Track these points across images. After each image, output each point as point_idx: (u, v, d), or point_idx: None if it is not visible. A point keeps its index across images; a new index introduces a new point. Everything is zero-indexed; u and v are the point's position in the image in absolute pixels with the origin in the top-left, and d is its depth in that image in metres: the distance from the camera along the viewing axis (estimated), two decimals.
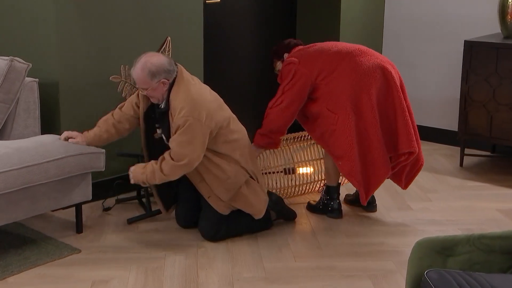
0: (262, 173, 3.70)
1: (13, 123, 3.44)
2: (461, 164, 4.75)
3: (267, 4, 5.00)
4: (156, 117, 3.37)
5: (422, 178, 4.48)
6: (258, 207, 3.45)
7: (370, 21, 5.33)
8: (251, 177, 3.44)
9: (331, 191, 3.77)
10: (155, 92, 3.26)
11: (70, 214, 3.53)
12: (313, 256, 3.30)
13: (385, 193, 4.17)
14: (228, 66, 4.85)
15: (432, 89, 5.28)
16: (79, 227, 3.49)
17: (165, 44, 3.89)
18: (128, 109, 3.46)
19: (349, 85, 3.52)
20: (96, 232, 3.51)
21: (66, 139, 3.36)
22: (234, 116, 3.48)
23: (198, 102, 3.22)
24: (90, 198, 3.45)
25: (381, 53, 5.47)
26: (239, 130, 3.46)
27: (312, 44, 3.76)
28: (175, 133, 3.21)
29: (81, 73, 3.72)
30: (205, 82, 4.32)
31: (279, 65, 3.81)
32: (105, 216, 3.72)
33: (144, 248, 3.32)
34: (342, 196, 3.90)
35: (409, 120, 3.65)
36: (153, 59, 3.24)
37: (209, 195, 3.38)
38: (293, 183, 3.98)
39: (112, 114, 3.48)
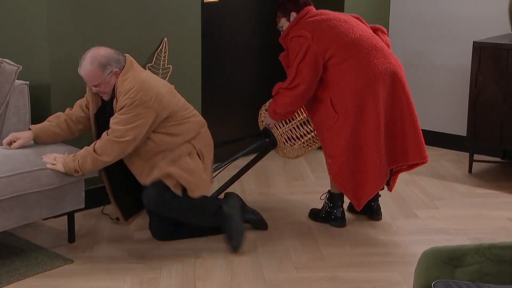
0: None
1: (2, 128, 3.45)
2: (469, 171, 4.75)
3: (267, 3, 5.01)
4: (108, 117, 3.31)
5: (428, 185, 4.49)
6: (196, 182, 3.37)
7: (375, 21, 5.33)
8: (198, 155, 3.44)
9: (334, 198, 3.78)
10: (108, 87, 3.25)
11: (62, 223, 3.54)
12: (316, 266, 3.31)
13: (391, 201, 4.18)
14: (227, 66, 4.87)
15: (439, 91, 5.29)
16: (71, 237, 3.50)
17: (161, 45, 3.91)
18: (78, 111, 3.43)
19: (356, 86, 3.52)
20: (89, 241, 3.52)
21: (10, 143, 3.26)
22: (191, 108, 3.48)
23: (147, 83, 3.21)
24: (83, 206, 3.45)
25: None
26: (195, 121, 3.45)
27: (324, 13, 3.67)
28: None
29: (73, 75, 3.72)
30: (203, 83, 4.36)
31: (283, 22, 3.71)
32: (98, 225, 3.73)
33: (139, 258, 3.33)
34: (345, 204, 3.90)
35: (420, 130, 3.69)
36: (100, 51, 3.25)
37: (148, 172, 3.35)
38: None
39: (64, 111, 3.45)
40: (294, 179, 4.59)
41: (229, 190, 3.89)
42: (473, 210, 4.08)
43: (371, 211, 3.86)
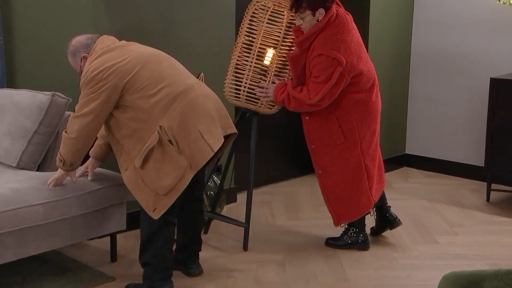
0: None
1: (53, 155, 3.49)
2: (487, 199, 4.67)
3: None
4: None
5: (449, 212, 4.43)
6: (146, 199, 3.00)
7: (397, 56, 5.33)
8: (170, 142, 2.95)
9: (359, 223, 3.72)
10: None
11: (105, 243, 3.56)
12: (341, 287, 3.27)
13: (412, 226, 4.12)
14: None
15: (459, 124, 5.23)
16: (113, 256, 3.51)
17: (198, 79, 3.94)
18: None
19: (364, 118, 3.48)
20: (130, 260, 3.53)
21: (82, 175, 3.25)
22: (172, 77, 3.05)
23: (104, 59, 3.00)
24: (125, 227, 3.47)
25: (408, 88, 5.47)
26: (168, 91, 2.99)
27: (346, 25, 3.38)
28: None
29: None
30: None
31: (308, 15, 3.32)
32: (138, 245, 3.73)
33: (176, 277, 3.31)
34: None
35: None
36: (72, 40, 3.19)
37: (127, 166, 3.05)
38: None
39: None
40: (321, 205, 4.54)
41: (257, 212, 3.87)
42: (492, 237, 4.00)
43: (390, 222, 3.82)
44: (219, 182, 4.02)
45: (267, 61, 3.60)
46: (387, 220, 3.84)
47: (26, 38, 3.98)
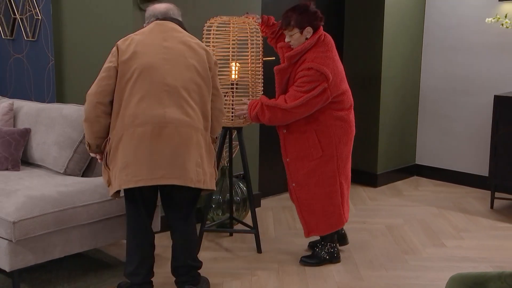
0: None
1: (96, 163, 3.52)
2: (491, 206, 4.58)
3: None
4: None
5: (455, 218, 4.35)
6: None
7: (408, 75, 5.28)
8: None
9: (331, 236, 3.46)
10: None
11: None
12: (356, 286, 3.22)
13: (421, 230, 4.06)
14: None
15: (465, 137, 5.16)
16: None
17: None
18: None
19: (341, 135, 3.29)
20: (163, 259, 3.52)
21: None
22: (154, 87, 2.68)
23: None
24: (159, 229, 3.47)
25: (418, 104, 5.42)
26: (143, 99, 2.67)
27: (331, 45, 3.24)
28: None
29: None
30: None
31: (295, 33, 3.17)
32: (170, 245, 3.72)
33: (204, 275, 3.30)
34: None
35: None
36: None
37: None
38: None
39: None
40: None
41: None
42: (495, 241, 3.91)
43: (342, 238, 3.59)
44: (244, 188, 4.00)
45: (234, 74, 3.45)
46: (339, 236, 3.60)
47: (74, 59, 4.03)
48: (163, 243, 3.74)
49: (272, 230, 4.05)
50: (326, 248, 3.44)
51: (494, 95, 4.43)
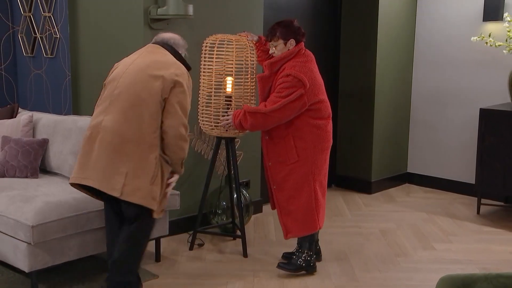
0: None
1: None
2: (478, 212, 4.56)
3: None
4: None
5: (444, 223, 4.33)
6: None
7: (400, 88, 5.28)
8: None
9: (310, 246, 3.33)
10: None
11: (150, 245, 3.55)
12: (352, 286, 3.20)
13: (412, 234, 4.04)
14: None
15: (453, 147, 5.14)
16: (157, 257, 3.50)
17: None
18: None
19: (317, 144, 3.20)
20: (171, 261, 3.51)
21: None
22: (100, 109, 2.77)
23: None
24: (167, 233, 3.46)
25: (410, 116, 5.41)
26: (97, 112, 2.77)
27: (311, 57, 3.24)
28: None
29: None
30: None
31: (280, 44, 3.19)
32: (178, 248, 3.72)
33: (210, 276, 3.29)
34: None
35: None
36: None
37: None
38: None
39: None
40: (334, 215, 4.50)
41: None
42: (482, 244, 3.89)
43: (316, 253, 3.44)
44: (247, 195, 4.00)
45: (229, 88, 3.46)
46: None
47: (89, 75, 4.05)
48: (171, 247, 3.73)
49: (273, 235, 4.03)
50: (303, 256, 3.32)
51: (480, 108, 4.42)
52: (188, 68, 2.89)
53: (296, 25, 3.23)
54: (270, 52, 3.27)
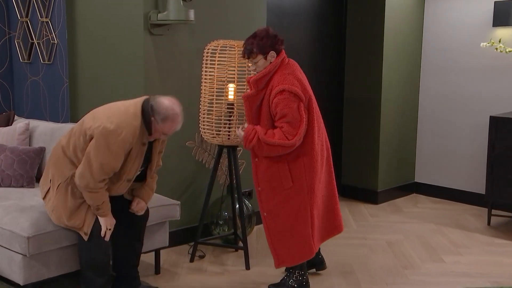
0: None
1: None
2: (488, 223, 4.54)
3: (319, 58, 5.04)
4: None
5: (453, 234, 4.31)
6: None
7: (407, 95, 5.28)
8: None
9: (302, 265, 3.21)
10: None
11: (150, 257, 3.55)
12: None
13: (420, 246, 4.02)
14: None
15: (462, 156, 5.13)
16: (157, 269, 3.49)
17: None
18: None
19: (310, 161, 3.05)
20: (171, 273, 3.50)
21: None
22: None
23: None
24: (167, 244, 3.45)
25: (417, 123, 5.41)
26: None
27: (295, 66, 3.10)
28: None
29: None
30: None
31: (259, 59, 3.03)
32: (178, 260, 3.72)
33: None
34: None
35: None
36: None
37: None
38: None
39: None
40: None
41: None
42: (493, 257, 3.87)
43: (319, 262, 3.43)
44: (250, 205, 3.99)
45: (231, 95, 3.45)
46: (316, 261, 3.45)
47: (87, 81, 4.06)
48: (171, 258, 3.72)
49: None
50: (294, 276, 3.21)
51: (490, 116, 4.42)
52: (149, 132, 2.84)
53: (272, 34, 3.05)
54: (251, 69, 3.13)
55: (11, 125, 3.97)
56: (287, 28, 4.74)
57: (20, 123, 3.83)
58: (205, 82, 3.55)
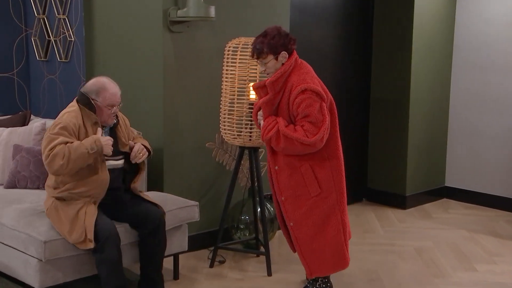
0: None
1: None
2: None
3: (346, 58, 5.00)
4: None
5: (487, 242, 4.24)
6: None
7: (437, 93, 5.22)
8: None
9: (326, 278, 3.20)
10: None
11: (168, 262, 3.55)
12: None
13: (451, 254, 3.97)
14: None
15: (497, 159, 5.05)
16: (176, 274, 3.50)
17: None
18: None
19: (340, 164, 3.03)
20: (190, 279, 3.51)
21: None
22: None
23: None
24: (186, 249, 3.46)
25: (448, 123, 5.34)
26: None
27: (309, 68, 3.04)
28: None
29: (181, 140, 3.82)
30: None
31: (270, 60, 2.97)
32: (197, 265, 3.72)
33: None
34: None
35: None
36: None
37: None
38: None
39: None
40: (366, 232, 4.45)
41: None
42: None
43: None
44: (272, 209, 3.98)
45: (252, 95, 3.41)
46: None
47: None
48: (190, 263, 3.73)
49: None
50: (317, 284, 3.19)
51: None
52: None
53: (284, 33, 2.99)
54: (260, 70, 3.07)
55: (27, 125, 4.02)
56: (311, 24, 4.72)
57: (36, 123, 3.88)
58: (226, 81, 3.55)
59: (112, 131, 3.12)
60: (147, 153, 3.18)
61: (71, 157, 2.86)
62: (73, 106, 3.07)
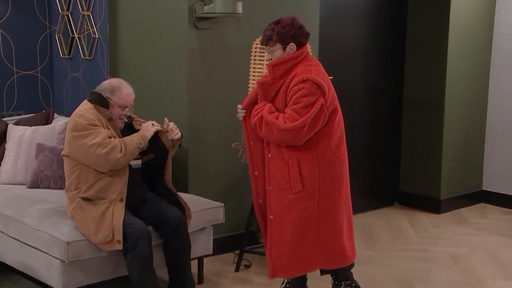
0: None
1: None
2: None
3: (377, 49, 4.96)
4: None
5: None
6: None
7: (475, 95, 5.14)
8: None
9: (346, 275, 3.15)
10: None
11: (193, 265, 3.55)
12: None
13: (489, 262, 3.90)
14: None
15: None
16: (200, 278, 3.51)
17: None
18: None
19: (329, 165, 2.91)
20: (215, 283, 3.51)
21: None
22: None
23: None
24: (211, 252, 3.46)
25: (486, 125, 5.25)
26: None
27: (319, 65, 2.95)
28: None
29: (207, 140, 3.83)
30: None
31: (277, 48, 2.90)
32: (222, 269, 3.72)
33: None
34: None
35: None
36: None
37: None
38: None
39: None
40: (397, 237, 4.40)
41: None
42: None
43: None
44: None
45: None
46: None
47: (129, 77, 4.10)
48: (215, 267, 3.73)
49: None
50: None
51: None
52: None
53: (298, 25, 2.91)
54: (267, 58, 3.05)
55: (50, 123, 4.07)
56: (342, 21, 4.69)
57: (59, 122, 3.93)
58: (253, 80, 3.54)
59: (130, 130, 3.20)
60: (180, 133, 3.22)
61: (127, 151, 2.99)
62: (86, 104, 3.14)
